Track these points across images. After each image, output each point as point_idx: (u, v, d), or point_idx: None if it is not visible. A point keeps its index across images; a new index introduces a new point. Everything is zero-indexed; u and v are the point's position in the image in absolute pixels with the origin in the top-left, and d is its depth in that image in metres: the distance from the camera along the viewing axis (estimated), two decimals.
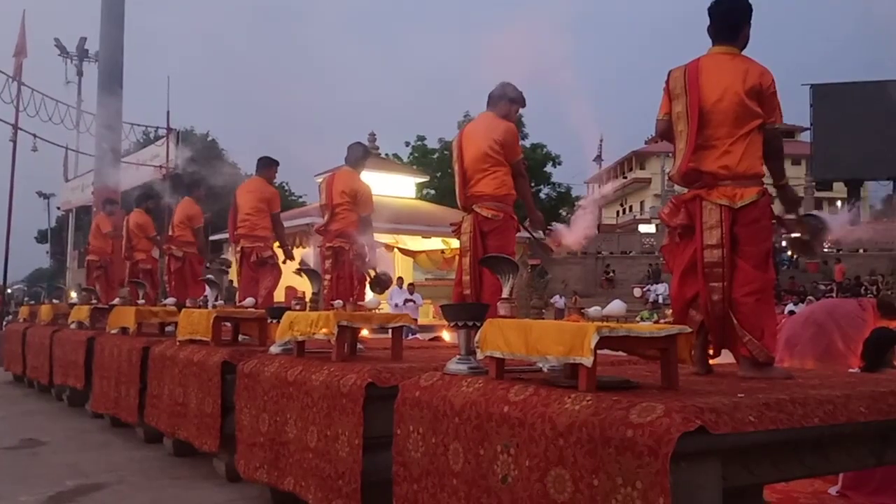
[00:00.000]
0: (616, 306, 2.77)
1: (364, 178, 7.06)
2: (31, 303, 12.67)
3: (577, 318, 2.79)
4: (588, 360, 2.46)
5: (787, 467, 2.54)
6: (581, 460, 2.26)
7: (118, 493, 4.64)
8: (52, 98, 19.67)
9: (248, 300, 6.04)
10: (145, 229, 9.63)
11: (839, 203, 48.01)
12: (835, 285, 25.67)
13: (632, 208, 62.07)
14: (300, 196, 39.68)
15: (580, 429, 2.28)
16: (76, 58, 30.40)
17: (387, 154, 31.96)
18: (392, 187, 20.67)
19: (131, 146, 23.90)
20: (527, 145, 37.62)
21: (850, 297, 20.83)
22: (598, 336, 2.46)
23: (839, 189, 41.85)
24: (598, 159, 44.75)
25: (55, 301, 11.15)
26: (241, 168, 27.47)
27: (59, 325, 9.27)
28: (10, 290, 24.52)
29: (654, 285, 29.62)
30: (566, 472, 2.31)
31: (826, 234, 3.79)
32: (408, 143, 41.18)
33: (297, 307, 4.61)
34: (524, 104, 5.11)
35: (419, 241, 19.85)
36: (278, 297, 8.48)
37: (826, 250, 31.27)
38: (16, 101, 17.42)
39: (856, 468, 3.63)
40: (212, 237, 18.95)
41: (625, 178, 62.17)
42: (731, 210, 3.39)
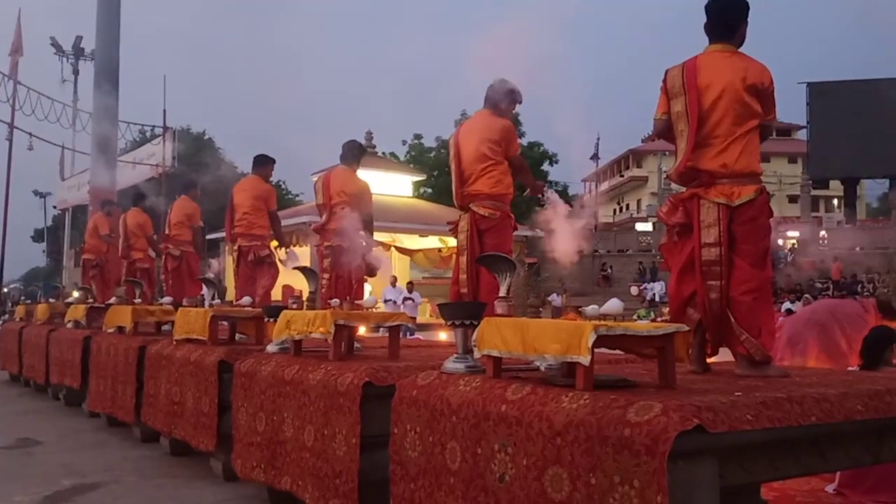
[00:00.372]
0: (613, 305, 2.77)
1: (360, 176, 7.05)
2: (28, 302, 12.63)
3: (574, 316, 2.79)
4: (585, 359, 2.46)
5: (783, 466, 2.54)
6: (578, 459, 2.26)
7: (114, 493, 4.63)
8: (49, 97, 19.72)
9: (245, 299, 6.04)
10: (144, 228, 9.64)
11: (836, 201, 48.16)
12: (831, 283, 25.70)
13: (629, 206, 62.09)
14: (297, 194, 39.65)
15: (577, 427, 2.28)
16: (72, 56, 30.39)
17: (384, 153, 31.95)
18: (389, 186, 20.69)
19: (128, 145, 23.90)
20: (524, 144, 37.61)
21: (847, 294, 20.90)
22: (595, 335, 2.46)
23: (836, 187, 41.92)
24: (595, 158, 44.87)
25: (52, 300, 11.14)
26: (237, 166, 27.51)
27: (55, 324, 9.25)
28: (6, 289, 24.50)
29: (651, 283, 29.64)
30: (564, 471, 2.30)
31: None
32: (405, 142, 41.17)
33: (295, 306, 4.60)
34: (521, 100, 5.10)
35: (416, 239, 19.86)
36: (275, 295, 8.46)
37: (822, 248, 31.39)
38: (12, 100, 17.43)
39: (852, 466, 3.62)
40: (208, 236, 18.93)
41: (622, 176, 62.24)
42: (728, 208, 3.39)
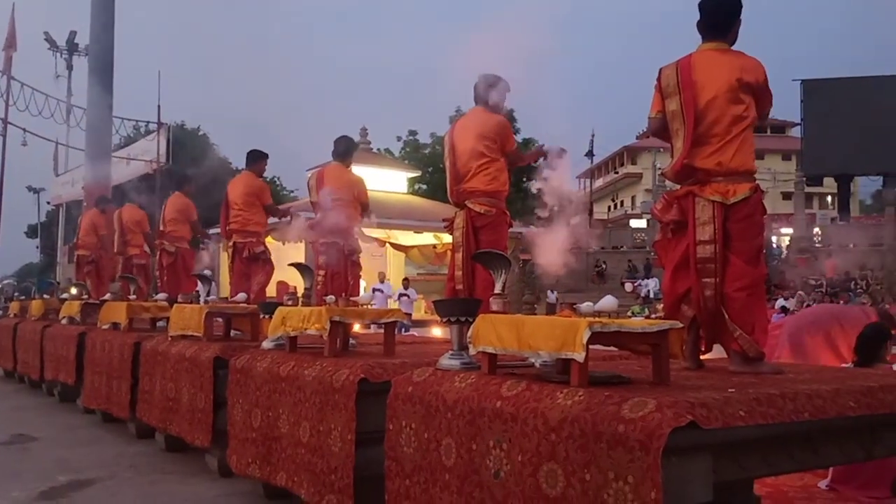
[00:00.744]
0: (608, 302, 2.79)
1: (354, 171, 7.07)
2: (22, 298, 12.59)
3: (569, 313, 2.80)
4: (580, 356, 2.47)
5: (776, 461, 2.55)
6: (573, 455, 2.27)
7: (110, 489, 4.64)
8: (42, 92, 19.64)
9: (241, 295, 6.04)
10: (142, 224, 9.65)
11: (829, 198, 48.25)
12: (825, 280, 25.76)
13: (623, 203, 62.13)
14: (292, 190, 39.55)
15: (572, 424, 2.29)
16: (66, 52, 30.24)
17: (378, 149, 31.85)
18: (384, 182, 20.68)
19: (122, 140, 23.83)
20: (519, 140, 37.54)
21: (840, 291, 20.95)
22: (590, 331, 2.47)
23: (829, 184, 41.98)
24: (590, 154, 44.89)
25: (46, 296, 11.11)
26: (231, 162, 27.45)
27: (50, 320, 9.24)
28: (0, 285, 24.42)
29: (646, 280, 29.67)
30: (558, 467, 2.32)
31: None
32: (399, 138, 41.07)
33: (290, 302, 4.61)
34: (508, 89, 5.02)
35: (411, 236, 19.86)
36: (270, 292, 8.46)
37: (817, 246, 31.46)
38: (5, 96, 17.38)
39: (845, 462, 3.63)
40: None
41: (616, 172, 62.26)
42: (723, 206, 3.41)
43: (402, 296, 17.93)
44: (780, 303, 16.74)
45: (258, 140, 7.89)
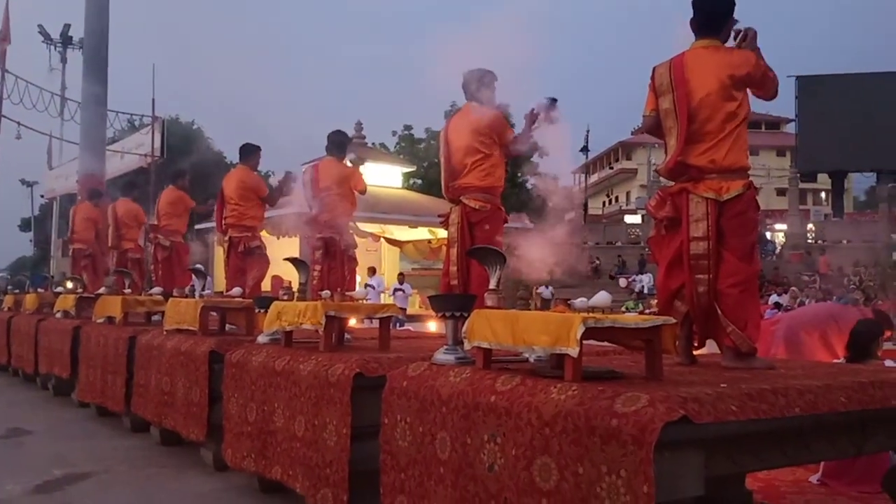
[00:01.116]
0: (602, 297, 2.80)
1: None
2: (16, 291, 12.54)
3: (563, 308, 2.82)
4: (574, 351, 2.49)
5: (768, 456, 2.58)
6: (566, 449, 2.29)
7: (105, 483, 4.65)
8: (36, 85, 19.53)
9: (236, 290, 6.04)
10: (138, 218, 9.65)
11: (823, 194, 48.36)
12: (818, 276, 25.83)
13: (618, 199, 62.12)
14: None
15: (566, 418, 2.31)
16: (60, 44, 30.12)
17: (373, 143, 31.83)
18: (379, 177, 20.65)
19: (116, 134, 23.75)
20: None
21: (834, 287, 21.03)
22: (583, 327, 2.49)
23: (823, 181, 42.03)
24: (585, 150, 44.84)
25: (40, 290, 11.08)
26: (226, 156, 27.39)
27: (44, 313, 9.22)
28: None
29: (640, 275, 29.71)
30: (552, 461, 2.34)
31: None
32: (394, 133, 41.00)
33: (285, 297, 4.61)
34: (496, 79, 4.99)
35: (406, 230, 19.87)
36: (265, 286, 8.47)
37: (810, 241, 31.54)
38: (0, 89, 17.26)
39: (836, 457, 3.68)
40: (197, 226, 18.88)
41: (611, 168, 62.26)
42: (717, 203, 3.43)
43: (396, 291, 17.92)
44: (774, 299, 16.81)
45: (252, 134, 7.88)
